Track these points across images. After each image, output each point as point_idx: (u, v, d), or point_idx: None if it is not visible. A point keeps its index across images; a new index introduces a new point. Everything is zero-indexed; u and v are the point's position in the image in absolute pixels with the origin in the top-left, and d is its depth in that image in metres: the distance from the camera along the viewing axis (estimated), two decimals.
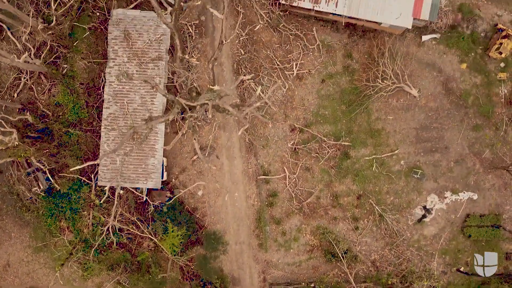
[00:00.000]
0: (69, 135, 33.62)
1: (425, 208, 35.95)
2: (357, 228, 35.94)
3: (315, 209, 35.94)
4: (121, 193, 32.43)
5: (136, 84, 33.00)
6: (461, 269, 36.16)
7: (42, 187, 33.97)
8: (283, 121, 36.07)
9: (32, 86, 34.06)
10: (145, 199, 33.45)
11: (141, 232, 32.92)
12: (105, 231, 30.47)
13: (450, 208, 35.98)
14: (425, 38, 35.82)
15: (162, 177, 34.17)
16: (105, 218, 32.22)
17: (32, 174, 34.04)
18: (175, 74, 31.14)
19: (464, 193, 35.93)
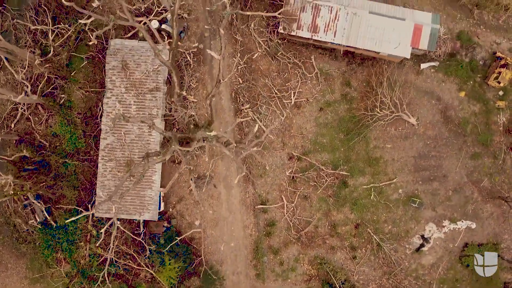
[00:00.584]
0: (66, 166, 33.51)
1: (423, 237, 35.79)
2: (355, 257, 35.75)
3: (313, 239, 35.75)
4: (118, 223, 32.23)
5: (133, 115, 32.87)
6: None
7: (38, 219, 33.81)
8: (281, 149, 35.89)
9: (29, 116, 33.91)
10: (142, 231, 33.30)
11: (138, 264, 32.76)
12: (104, 268, 30.01)
13: (448, 237, 35.82)
14: (423, 66, 35.68)
15: (159, 208, 34.03)
16: (102, 251, 32.03)
17: (28, 206, 33.89)
18: (171, 109, 31.02)
19: (462, 222, 35.78)
